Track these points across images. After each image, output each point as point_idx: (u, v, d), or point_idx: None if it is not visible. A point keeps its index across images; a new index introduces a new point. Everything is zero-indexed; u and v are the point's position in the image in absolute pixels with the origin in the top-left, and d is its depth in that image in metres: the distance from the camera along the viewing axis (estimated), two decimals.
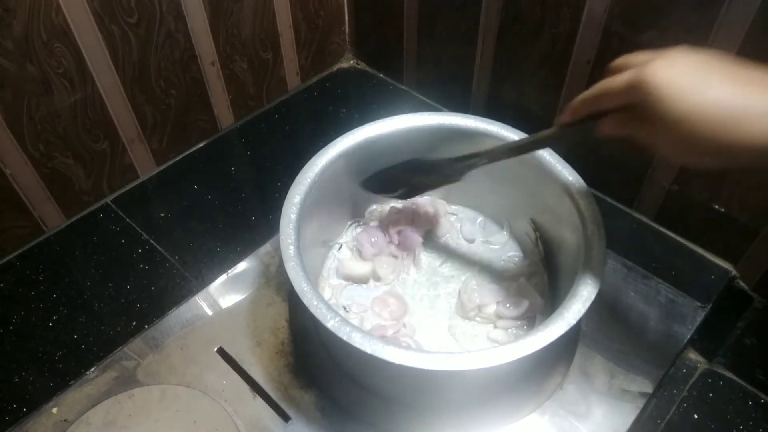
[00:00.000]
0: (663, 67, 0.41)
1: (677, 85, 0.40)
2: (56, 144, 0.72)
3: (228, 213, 0.80)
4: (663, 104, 0.40)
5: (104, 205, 0.80)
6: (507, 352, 0.50)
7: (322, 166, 0.64)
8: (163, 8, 0.73)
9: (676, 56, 0.42)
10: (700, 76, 0.40)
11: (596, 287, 0.54)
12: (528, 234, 0.71)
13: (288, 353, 0.65)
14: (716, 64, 0.41)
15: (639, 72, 0.42)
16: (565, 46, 0.72)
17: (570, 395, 0.62)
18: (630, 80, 0.43)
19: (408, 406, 0.61)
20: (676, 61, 0.41)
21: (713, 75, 0.40)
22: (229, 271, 0.73)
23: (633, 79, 0.42)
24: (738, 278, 0.72)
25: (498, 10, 0.76)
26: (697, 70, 0.41)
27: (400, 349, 0.50)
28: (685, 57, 0.41)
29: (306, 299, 0.53)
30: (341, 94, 0.98)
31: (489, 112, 0.86)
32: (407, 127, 0.68)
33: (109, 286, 0.72)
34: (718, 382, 0.66)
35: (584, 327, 0.67)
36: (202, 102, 0.85)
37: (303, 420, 0.61)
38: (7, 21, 0.62)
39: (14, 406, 0.62)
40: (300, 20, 0.91)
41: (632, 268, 0.72)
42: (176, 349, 0.66)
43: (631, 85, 0.43)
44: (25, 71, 0.65)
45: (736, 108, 0.39)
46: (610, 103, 0.46)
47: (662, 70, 0.41)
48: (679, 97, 0.40)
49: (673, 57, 0.42)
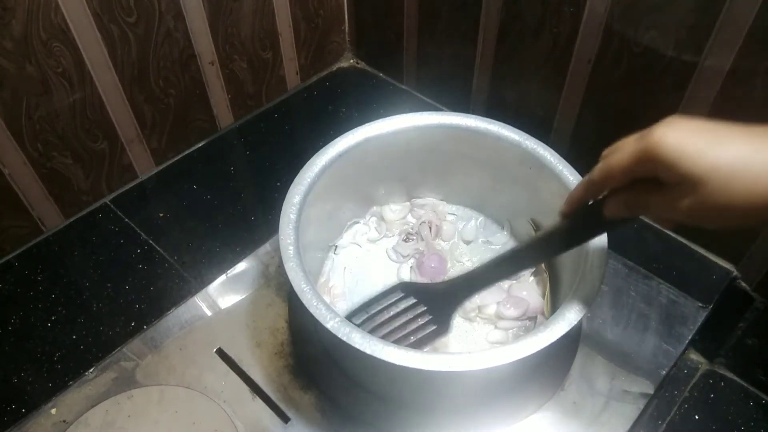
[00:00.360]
0: (668, 132, 0.39)
1: (691, 146, 0.38)
2: (55, 144, 0.72)
3: (227, 213, 0.80)
4: (680, 167, 0.38)
5: (103, 205, 0.80)
6: (508, 352, 0.50)
7: (322, 166, 0.64)
8: (162, 8, 0.73)
9: (674, 122, 0.40)
10: (709, 135, 0.38)
11: (597, 288, 0.54)
12: (528, 234, 0.71)
13: (287, 354, 0.65)
14: (716, 125, 0.39)
15: (645, 143, 0.40)
16: (565, 46, 0.72)
17: (571, 396, 0.62)
18: (637, 153, 0.40)
19: (408, 407, 0.61)
20: (677, 126, 0.39)
21: (721, 133, 0.39)
22: (228, 271, 0.73)
23: (640, 150, 0.40)
24: (739, 278, 0.72)
25: (498, 10, 0.76)
26: (702, 130, 0.39)
27: (400, 349, 0.50)
28: (684, 121, 0.39)
29: (306, 299, 0.53)
30: (341, 94, 0.98)
31: (489, 112, 0.86)
32: (407, 127, 0.68)
33: (108, 287, 0.72)
34: (720, 383, 0.66)
35: (585, 327, 0.67)
36: (201, 102, 0.85)
37: (302, 421, 0.60)
38: (6, 20, 0.62)
39: (13, 407, 0.62)
40: (300, 19, 0.90)
41: (633, 268, 0.72)
42: (175, 350, 0.66)
43: (639, 157, 0.40)
44: (24, 71, 0.65)
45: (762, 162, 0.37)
46: (615, 182, 0.44)
47: (669, 134, 0.39)
48: (696, 156, 0.38)
49: (672, 123, 0.39)
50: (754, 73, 0.59)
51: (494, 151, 0.67)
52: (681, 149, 0.38)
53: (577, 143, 0.79)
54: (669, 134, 0.39)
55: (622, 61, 0.68)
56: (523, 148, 0.65)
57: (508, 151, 0.66)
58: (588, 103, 0.75)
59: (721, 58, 0.61)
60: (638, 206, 0.44)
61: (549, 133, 0.81)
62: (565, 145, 0.80)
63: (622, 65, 0.69)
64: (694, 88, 0.64)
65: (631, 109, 0.71)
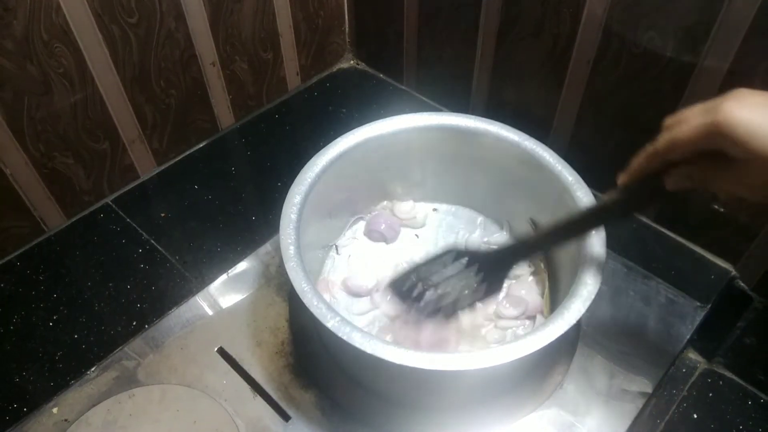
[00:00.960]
0: (736, 107, 0.38)
1: (760, 124, 0.37)
2: (56, 144, 0.72)
3: (228, 213, 0.80)
4: (753, 144, 0.38)
5: (104, 205, 0.81)
6: (507, 351, 0.50)
7: (322, 166, 0.64)
8: (163, 8, 0.73)
9: (742, 96, 0.39)
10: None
11: (596, 287, 0.54)
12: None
13: (288, 353, 0.65)
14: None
15: (713, 116, 0.39)
16: (565, 46, 0.73)
17: (570, 395, 0.62)
18: (704, 126, 0.40)
19: (408, 406, 0.61)
20: (745, 101, 0.39)
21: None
22: (229, 271, 0.73)
23: (708, 123, 0.39)
24: (738, 278, 0.72)
25: (498, 10, 0.76)
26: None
27: (400, 349, 0.50)
28: (753, 94, 0.39)
29: (306, 299, 0.53)
30: (341, 94, 0.98)
31: (489, 112, 0.86)
32: (407, 127, 0.68)
33: (110, 286, 0.72)
34: (718, 382, 0.66)
35: (584, 327, 0.67)
36: (202, 102, 0.85)
37: (303, 420, 0.61)
38: (7, 21, 0.62)
39: (14, 406, 0.62)
40: (300, 20, 0.91)
41: (632, 268, 0.72)
42: (176, 349, 0.66)
43: (707, 131, 0.39)
44: (25, 71, 0.65)
45: None
46: (679, 154, 0.43)
47: (737, 110, 0.38)
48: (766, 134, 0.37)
49: (739, 97, 0.39)
50: (752, 74, 0.60)
51: (494, 151, 0.68)
52: (753, 126, 0.37)
53: (576, 143, 0.79)
54: (739, 109, 0.38)
55: (621, 61, 0.68)
56: (523, 149, 0.65)
57: (507, 152, 0.67)
58: (587, 104, 0.75)
59: (719, 58, 0.61)
60: (704, 180, 0.43)
61: (548, 133, 0.81)
62: (564, 146, 0.80)
63: (621, 66, 0.69)
64: (693, 89, 0.65)
65: (630, 110, 0.71)
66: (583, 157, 0.68)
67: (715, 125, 0.39)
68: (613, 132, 0.75)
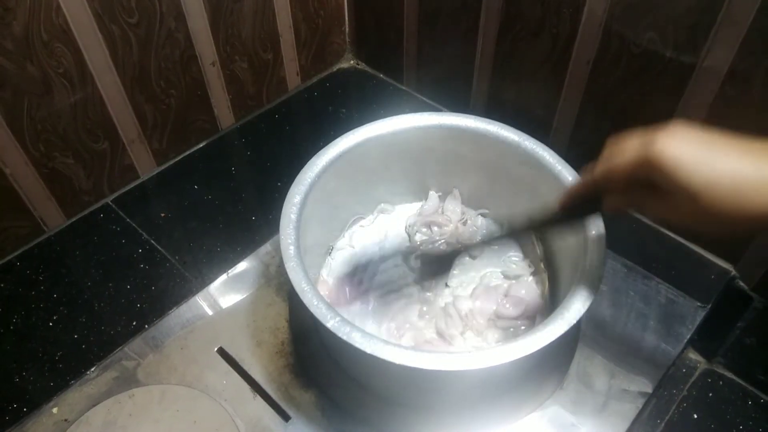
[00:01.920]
0: (669, 141, 0.40)
1: (689, 159, 0.40)
2: (56, 144, 0.72)
3: (228, 213, 0.80)
4: (679, 178, 0.40)
5: (104, 205, 0.81)
6: (507, 351, 0.50)
7: (322, 166, 0.64)
8: (163, 8, 0.73)
9: (676, 131, 0.41)
10: (708, 149, 0.40)
11: (596, 287, 0.54)
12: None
13: (288, 353, 0.65)
14: (716, 138, 0.41)
15: (646, 149, 0.41)
16: (565, 46, 0.73)
17: (570, 395, 0.62)
18: (638, 159, 0.42)
19: (408, 406, 0.61)
20: (679, 136, 0.41)
21: (719, 147, 0.40)
22: (229, 271, 0.73)
23: (641, 157, 0.42)
24: (738, 278, 0.72)
25: (498, 10, 0.76)
26: (702, 143, 0.40)
27: (400, 349, 0.50)
28: (686, 131, 0.41)
29: (306, 299, 0.53)
30: (341, 94, 0.98)
31: (489, 112, 0.86)
32: (407, 127, 0.68)
33: (110, 286, 0.72)
34: (718, 382, 0.66)
35: (584, 327, 0.67)
36: (202, 102, 0.85)
37: (303, 420, 0.61)
38: (7, 21, 0.62)
39: (14, 406, 0.62)
40: (300, 20, 0.91)
41: (632, 268, 0.72)
42: (176, 349, 0.66)
43: (641, 164, 0.42)
44: (25, 71, 0.65)
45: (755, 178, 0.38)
46: (614, 183, 0.46)
47: (670, 144, 0.40)
48: (694, 170, 0.39)
49: (674, 132, 0.41)
50: (752, 74, 0.60)
51: (494, 151, 0.68)
52: (679, 162, 0.40)
53: (576, 143, 0.79)
54: (670, 145, 0.40)
55: (621, 61, 0.68)
56: (523, 149, 0.65)
57: (507, 152, 0.67)
58: (587, 104, 0.75)
59: (719, 59, 0.61)
60: (637, 206, 0.46)
61: (548, 133, 0.81)
62: (564, 146, 0.80)
63: (621, 66, 0.69)
64: (693, 89, 0.65)
65: (630, 110, 0.71)
66: (583, 158, 0.68)
67: (646, 158, 0.41)
68: (613, 132, 0.75)
